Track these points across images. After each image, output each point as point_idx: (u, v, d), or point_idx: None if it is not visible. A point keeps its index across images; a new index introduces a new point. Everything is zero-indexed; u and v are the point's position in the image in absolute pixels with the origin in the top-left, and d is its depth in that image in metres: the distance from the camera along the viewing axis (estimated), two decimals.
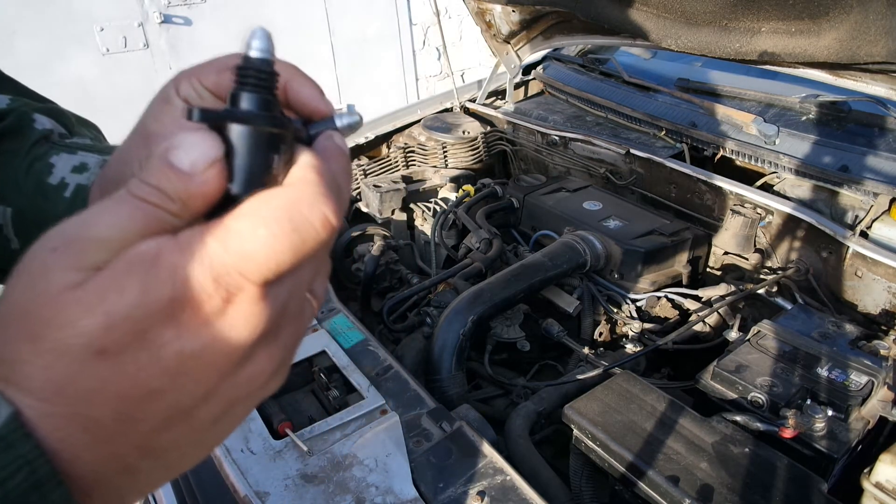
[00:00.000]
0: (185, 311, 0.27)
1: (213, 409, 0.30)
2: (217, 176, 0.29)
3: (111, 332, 0.26)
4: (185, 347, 0.27)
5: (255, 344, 0.29)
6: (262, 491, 0.99)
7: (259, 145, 0.29)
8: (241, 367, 0.30)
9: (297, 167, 0.30)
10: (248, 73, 0.30)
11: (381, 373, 1.23)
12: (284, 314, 0.30)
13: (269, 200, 0.28)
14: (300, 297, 0.32)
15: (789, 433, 1.01)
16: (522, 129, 2.30)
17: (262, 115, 0.30)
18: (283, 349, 0.32)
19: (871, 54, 1.25)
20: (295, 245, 0.28)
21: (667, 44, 1.61)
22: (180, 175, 0.28)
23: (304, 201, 0.29)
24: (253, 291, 0.28)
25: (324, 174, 0.30)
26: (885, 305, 1.44)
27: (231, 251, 0.27)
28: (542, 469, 1.12)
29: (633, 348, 1.49)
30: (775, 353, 1.19)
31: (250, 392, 0.31)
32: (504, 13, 2.17)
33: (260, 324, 0.29)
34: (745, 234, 1.67)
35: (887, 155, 1.54)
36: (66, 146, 0.58)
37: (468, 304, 1.42)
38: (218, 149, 0.29)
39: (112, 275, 0.26)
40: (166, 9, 3.98)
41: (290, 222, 0.28)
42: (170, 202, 0.28)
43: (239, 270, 0.27)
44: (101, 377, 0.26)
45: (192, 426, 0.30)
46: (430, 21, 5.09)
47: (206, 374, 0.28)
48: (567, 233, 1.70)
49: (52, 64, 3.67)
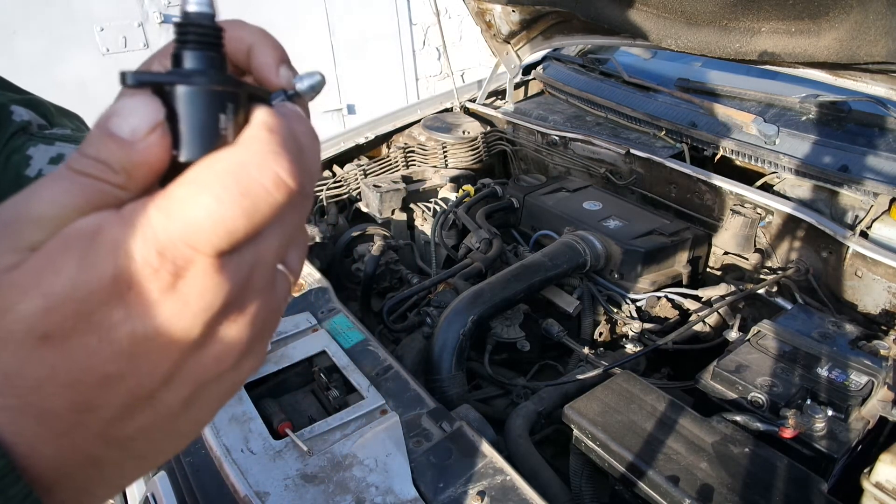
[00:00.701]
0: (133, 289, 0.25)
1: (179, 392, 0.28)
2: (159, 141, 0.26)
3: (52, 315, 0.24)
4: (136, 327, 0.25)
5: (215, 320, 0.27)
6: (263, 491, 0.99)
7: (203, 106, 0.27)
8: (203, 346, 0.28)
9: (248, 127, 0.28)
10: (186, 30, 0.28)
11: (381, 373, 1.23)
12: (249, 287, 0.28)
13: (213, 163, 0.26)
14: (267, 268, 0.29)
15: (789, 433, 1.01)
16: (522, 129, 2.30)
17: (202, 73, 0.27)
18: (252, 325, 0.29)
19: (871, 54, 1.25)
20: (246, 210, 0.26)
21: (667, 44, 1.61)
22: (120, 143, 0.26)
23: (252, 161, 0.26)
24: (205, 263, 0.26)
25: (278, 131, 0.28)
26: (885, 305, 1.44)
27: (175, 221, 0.25)
28: (542, 469, 1.12)
29: (633, 348, 1.49)
30: (775, 353, 1.19)
31: (219, 372, 0.29)
32: (504, 13, 2.17)
33: (217, 298, 0.26)
34: (745, 234, 1.67)
35: (887, 155, 1.54)
36: (44, 137, 0.57)
37: (468, 304, 1.42)
38: (158, 113, 0.27)
39: (47, 254, 0.25)
40: (166, 9, 3.98)
41: (237, 185, 0.26)
42: (111, 173, 0.26)
43: (185, 241, 0.25)
44: (50, 364, 0.25)
45: (159, 412, 0.28)
46: (430, 21, 5.09)
47: (164, 354, 0.26)
48: (567, 233, 1.70)
49: (52, 64, 3.67)
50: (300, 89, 0.32)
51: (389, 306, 1.61)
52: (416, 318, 1.58)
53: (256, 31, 0.34)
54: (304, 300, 1.46)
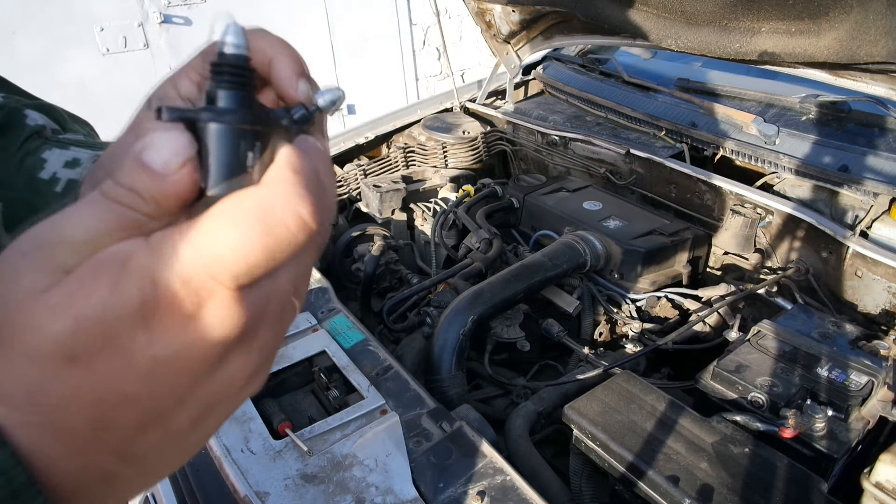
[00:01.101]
0: (157, 315, 0.26)
1: (189, 412, 0.30)
2: (189, 175, 0.28)
3: (81, 336, 0.25)
4: (158, 352, 0.27)
5: (230, 348, 0.29)
6: (262, 491, 0.99)
7: (232, 143, 0.28)
8: (216, 371, 0.29)
9: (274, 166, 0.29)
10: (221, 70, 0.29)
11: (381, 373, 1.23)
12: (263, 318, 0.30)
13: (241, 201, 0.27)
14: (280, 300, 0.30)
15: (789, 433, 1.01)
16: (522, 129, 2.30)
17: (233, 112, 0.29)
18: (260, 353, 0.31)
19: (871, 54, 1.25)
20: (268, 247, 0.27)
21: (667, 44, 1.61)
22: (153, 175, 0.27)
23: (277, 201, 0.28)
24: (225, 294, 0.27)
25: (302, 172, 0.29)
26: (885, 305, 1.44)
27: (201, 253, 0.26)
28: (542, 469, 1.12)
29: (633, 348, 1.49)
30: (775, 353, 1.19)
31: (228, 395, 0.31)
32: (504, 13, 2.17)
33: (234, 327, 0.28)
34: (745, 234, 1.67)
35: (887, 155, 1.54)
36: (58, 141, 0.58)
37: (468, 304, 1.42)
38: (190, 147, 0.28)
39: (81, 277, 0.26)
40: (166, 9, 3.98)
41: (262, 223, 0.27)
42: (142, 203, 0.27)
43: (210, 273, 0.26)
44: (74, 384, 0.26)
45: (170, 431, 0.30)
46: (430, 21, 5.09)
47: (181, 378, 0.28)
48: (567, 233, 1.70)
49: (52, 64, 3.67)
50: (321, 104, 0.34)
51: (389, 306, 1.61)
52: (416, 318, 1.58)
53: (278, 43, 0.35)
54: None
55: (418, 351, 1.44)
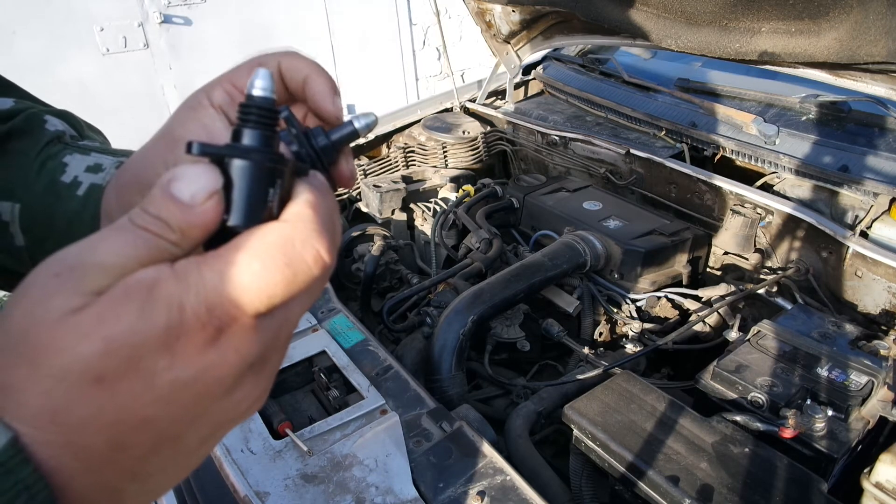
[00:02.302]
0: (180, 340, 0.27)
1: (199, 433, 0.31)
2: (215, 208, 0.29)
3: (109, 359, 0.26)
4: (178, 376, 0.28)
5: (245, 373, 0.30)
6: (262, 491, 0.99)
7: (256, 179, 0.30)
8: (228, 395, 0.30)
9: (293, 203, 0.31)
10: (249, 111, 0.31)
11: (381, 373, 1.23)
12: (275, 345, 0.31)
13: (264, 235, 0.29)
14: (291, 328, 0.33)
15: (789, 433, 1.01)
16: (522, 129, 2.30)
17: (259, 151, 0.31)
18: (269, 377, 0.33)
19: (871, 54, 1.25)
20: (287, 280, 0.29)
21: (667, 44, 1.61)
22: (181, 206, 0.29)
23: (298, 238, 0.30)
24: (245, 323, 0.29)
25: (319, 211, 0.31)
26: (885, 305, 1.44)
27: (226, 283, 0.28)
28: (541, 469, 1.12)
29: (633, 348, 1.49)
30: (775, 353, 1.19)
31: (234, 417, 0.32)
32: (504, 13, 2.17)
33: (250, 355, 0.29)
34: (745, 234, 1.67)
35: (887, 155, 1.54)
36: (79, 147, 0.59)
37: (468, 304, 1.42)
38: (217, 182, 0.30)
39: (111, 301, 0.27)
40: (166, 9, 3.97)
41: (283, 257, 0.29)
42: (170, 232, 0.29)
43: (232, 302, 0.28)
44: (97, 405, 0.27)
45: (179, 450, 0.31)
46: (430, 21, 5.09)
47: (197, 402, 0.29)
48: (567, 233, 1.70)
49: (52, 64, 3.67)
50: (358, 127, 0.37)
51: (389, 306, 1.61)
52: (416, 318, 1.58)
53: (311, 63, 0.38)
54: None
55: (418, 351, 1.44)
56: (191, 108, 0.39)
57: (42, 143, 0.59)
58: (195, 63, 4.17)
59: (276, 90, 0.32)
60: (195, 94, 0.40)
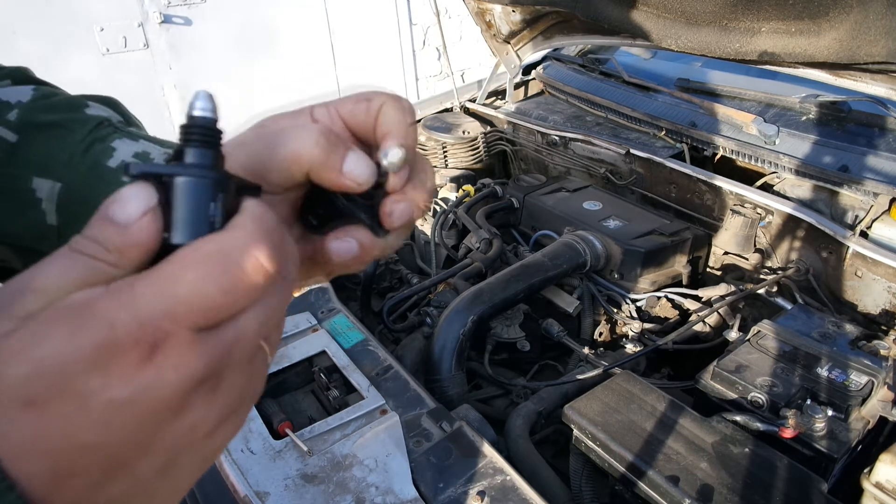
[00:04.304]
0: (113, 359, 0.26)
1: (154, 460, 0.29)
2: (150, 225, 0.29)
3: (38, 381, 0.25)
4: (114, 396, 0.26)
5: (191, 392, 0.28)
6: (262, 491, 0.99)
7: (195, 195, 0.30)
8: (178, 416, 0.29)
9: (237, 215, 0.30)
10: (190, 130, 0.31)
11: (381, 373, 1.23)
12: (228, 363, 0.30)
13: (200, 246, 0.28)
14: (246, 345, 0.30)
15: (789, 433, 1.01)
16: (522, 129, 2.30)
17: (198, 167, 0.31)
18: (227, 397, 0.31)
19: (871, 54, 1.25)
20: (225, 289, 0.28)
21: (667, 44, 1.61)
22: (116, 226, 0.28)
23: (235, 246, 0.29)
24: (183, 337, 0.27)
25: (262, 220, 0.30)
26: (886, 305, 1.44)
27: (158, 295, 0.27)
28: (542, 469, 1.12)
29: (633, 348, 1.49)
30: (775, 353, 1.19)
31: (192, 442, 0.30)
32: (504, 13, 2.17)
33: (194, 370, 0.28)
34: (745, 234, 1.67)
35: (887, 155, 1.54)
36: (128, 133, 0.58)
37: (468, 304, 1.42)
38: (150, 199, 0.29)
39: (41, 323, 0.26)
40: (166, 9, 3.97)
41: (219, 266, 0.28)
42: (105, 252, 0.28)
43: (166, 315, 0.27)
44: (31, 430, 0.26)
45: (135, 480, 0.29)
46: (430, 21, 5.09)
47: (141, 424, 0.27)
48: (567, 233, 1.70)
49: (52, 64, 3.66)
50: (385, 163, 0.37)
51: (389, 306, 1.61)
52: (416, 318, 1.58)
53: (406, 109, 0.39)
54: (303, 300, 1.46)
55: (418, 351, 1.44)
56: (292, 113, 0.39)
57: (90, 125, 0.58)
58: (195, 63, 4.17)
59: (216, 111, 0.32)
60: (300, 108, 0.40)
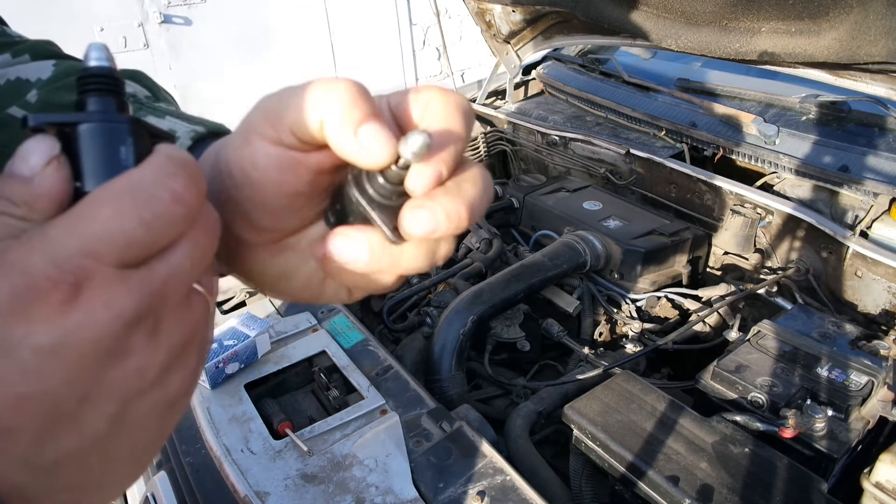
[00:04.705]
0: (33, 304, 0.25)
1: (102, 409, 0.28)
2: (55, 174, 0.28)
3: None
4: (41, 343, 0.25)
5: (127, 331, 0.27)
6: (262, 491, 0.99)
7: (103, 140, 0.29)
8: (119, 359, 0.28)
9: (150, 156, 0.29)
10: (87, 80, 0.31)
11: (381, 373, 1.23)
12: (163, 302, 0.29)
13: (112, 183, 0.28)
14: (179, 283, 0.29)
15: (789, 433, 1.01)
16: (522, 129, 2.30)
17: (101, 112, 0.30)
18: (169, 338, 0.29)
19: (871, 54, 1.25)
20: (145, 220, 0.27)
21: (667, 44, 1.61)
22: (20, 179, 0.28)
23: (149, 178, 0.28)
24: (108, 273, 0.26)
25: (176, 157, 0.29)
26: (886, 305, 1.44)
27: (74, 234, 0.26)
28: (541, 469, 1.12)
29: (633, 348, 1.49)
30: (775, 353, 1.19)
31: (141, 388, 0.29)
32: (504, 13, 2.17)
33: (124, 308, 0.27)
34: (745, 234, 1.67)
35: (887, 155, 1.54)
36: (154, 109, 0.56)
37: (468, 304, 1.42)
38: (52, 148, 0.28)
39: None
40: (166, 9, 3.97)
41: (134, 198, 0.27)
42: (13, 207, 0.27)
43: (84, 253, 0.26)
44: None
45: (85, 433, 0.28)
46: (430, 21, 5.09)
47: (77, 370, 0.26)
48: (567, 233, 1.70)
49: None
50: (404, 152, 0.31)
51: (389, 306, 1.61)
52: (416, 318, 1.58)
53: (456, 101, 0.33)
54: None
55: (418, 351, 1.44)
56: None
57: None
58: (195, 63, 4.17)
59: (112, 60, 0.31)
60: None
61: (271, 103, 0.33)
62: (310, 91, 0.31)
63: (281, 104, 0.32)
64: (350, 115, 0.30)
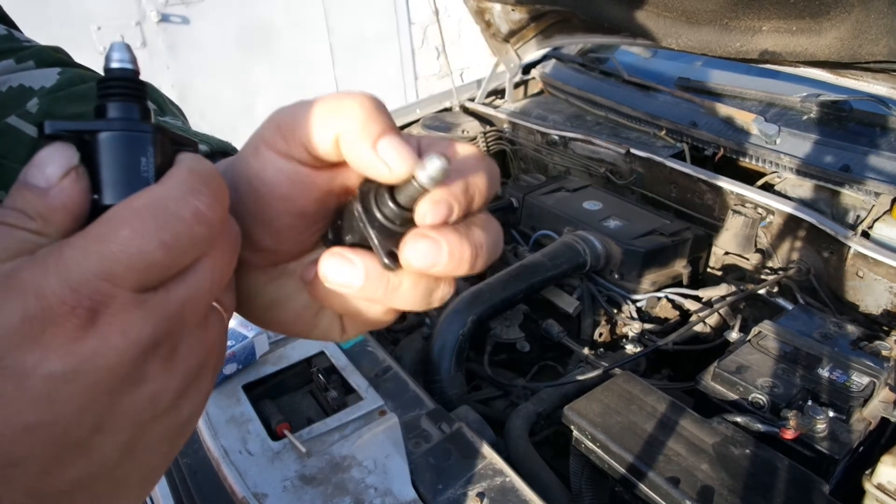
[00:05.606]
0: (47, 330, 0.24)
1: (115, 438, 0.27)
2: (73, 185, 0.26)
3: None
4: (53, 370, 0.24)
5: (145, 358, 0.26)
6: (261, 492, 0.98)
7: (122, 150, 0.27)
8: (134, 387, 0.26)
9: (171, 169, 0.28)
10: (109, 84, 0.29)
11: (380, 373, 1.23)
12: (181, 325, 0.27)
13: (132, 200, 0.26)
14: (199, 305, 0.28)
15: (790, 434, 1.00)
16: (522, 129, 2.29)
17: (122, 120, 0.28)
18: (186, 363, 0.28)
19: (872, 53, 1.25)
20: (166, 243, 0.25)
21: (667, 43, 1.60)
22: (36, 191, 0.26)
23: (171, 196, 0.26)
24: (126, 298, 0.25)
25: (199, 171, 0.28)
26: (887, 306, 1.44)
27: (91, 256, 0.24)
28: (541, 470, 1.11)
29: (634, 349, 1.48)
30: (776, 354, 1.19)
31: (155, 415, 0.28)
32: (503, 12, 2.17)
33: (142, 334, 0.26)
34: (745, 234, 1.67)
35: (889, 154, 1.53)
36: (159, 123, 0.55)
37: (467, 304, 1.42)
38: (71, 157, 0.27)
39: None
40: (164, 8, 3.97)
41: (156, 219, 0.25)
42: (28, 220, 0.26)
43: (102, 276, 0.24)
44: None
45: (95, 461, 0.26)
46: (429, 20, 5.08)
47: (89, 397, 0.25)
48: (567, 233, 1.70)
49: None
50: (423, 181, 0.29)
51: None
52: (416, 318, 1.58)
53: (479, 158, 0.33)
54: None
55: (417, 351, 1.43)
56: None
57: None
58: (193, 62, 4.16)
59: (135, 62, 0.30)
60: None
61: (285, 116, 0.32)
62: (325, 104, 0.30)
63: (295, 117, 0.31)
64: (368, 127, 0.30)
